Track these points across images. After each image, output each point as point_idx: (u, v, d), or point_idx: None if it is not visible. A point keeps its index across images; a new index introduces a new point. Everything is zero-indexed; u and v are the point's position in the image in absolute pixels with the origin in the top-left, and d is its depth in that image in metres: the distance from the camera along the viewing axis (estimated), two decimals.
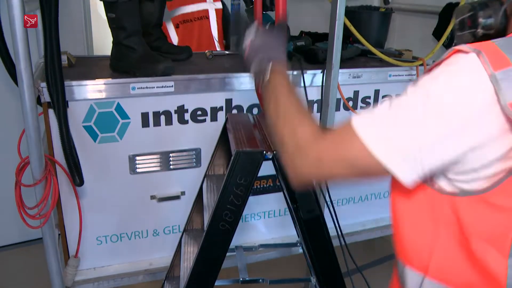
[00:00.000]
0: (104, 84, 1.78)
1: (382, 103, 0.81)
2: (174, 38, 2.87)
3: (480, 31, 0.91)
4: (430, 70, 0.79)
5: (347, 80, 2.12)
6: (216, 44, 2.87)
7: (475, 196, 0.78)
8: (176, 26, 2.88)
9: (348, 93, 2.17)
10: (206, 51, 2.30)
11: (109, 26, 1.91)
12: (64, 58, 2.03)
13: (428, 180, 0.84)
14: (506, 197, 0.76)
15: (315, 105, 2.12)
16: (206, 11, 2.86)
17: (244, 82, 1.96)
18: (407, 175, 0.78)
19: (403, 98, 0.78)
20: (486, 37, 0.88)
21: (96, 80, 1.78)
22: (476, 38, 0.92)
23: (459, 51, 0.76)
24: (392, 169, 0.77)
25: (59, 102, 1.65)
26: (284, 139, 0.94)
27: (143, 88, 1.80)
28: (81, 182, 1.73)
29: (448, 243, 0.84)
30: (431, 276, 0.87)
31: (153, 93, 1.83)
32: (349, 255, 1.86)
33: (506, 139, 0.73)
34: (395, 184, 0.83)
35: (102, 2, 1.87)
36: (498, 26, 0.88)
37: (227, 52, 2.40)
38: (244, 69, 1.21)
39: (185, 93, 1.88)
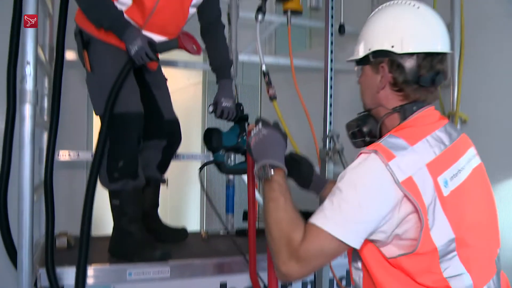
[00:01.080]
0: (101, 269, 1.81)
1: (325, 203, 1.14)
2: None
3: (367, 138, 1.34)
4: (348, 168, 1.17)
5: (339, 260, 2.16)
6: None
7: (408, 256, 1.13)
8: None
9: (340, 272, 2.20)
10: (202, 232, 2.39)
11: (111, 211, 2.01)
12: (64, 240, 2.10)
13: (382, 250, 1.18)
14: (425, 247, 1.10)
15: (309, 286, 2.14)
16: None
17: (238, 267, 1.99)
18: (358, 243, 1.12)
19: (339, 195, 1.13)
20: (371, 141, 1.30)
21: (93, 265, 1.81)
22: (365, 143, 1.34)
23: (364, 153, 1.16)
24: (349, 243, 1.11)
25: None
26: (279, 250, 1.16)
27: (139, 274, 1.83)
28: None
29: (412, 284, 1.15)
30: None
31: (149, 279, 1.85)
32: None
33: (402, 208, 1.10)
34: (371, 260, 1.19)
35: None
36: (376, 133, 1.31)
37: (221, 232, 2.49)
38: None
39: (181, 278, 1.91)
